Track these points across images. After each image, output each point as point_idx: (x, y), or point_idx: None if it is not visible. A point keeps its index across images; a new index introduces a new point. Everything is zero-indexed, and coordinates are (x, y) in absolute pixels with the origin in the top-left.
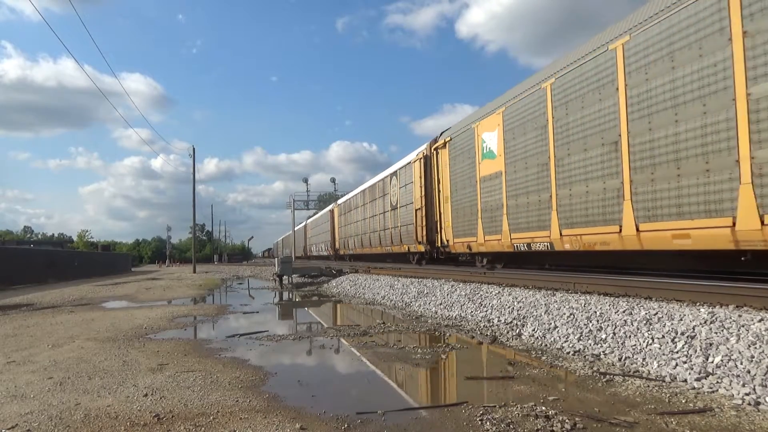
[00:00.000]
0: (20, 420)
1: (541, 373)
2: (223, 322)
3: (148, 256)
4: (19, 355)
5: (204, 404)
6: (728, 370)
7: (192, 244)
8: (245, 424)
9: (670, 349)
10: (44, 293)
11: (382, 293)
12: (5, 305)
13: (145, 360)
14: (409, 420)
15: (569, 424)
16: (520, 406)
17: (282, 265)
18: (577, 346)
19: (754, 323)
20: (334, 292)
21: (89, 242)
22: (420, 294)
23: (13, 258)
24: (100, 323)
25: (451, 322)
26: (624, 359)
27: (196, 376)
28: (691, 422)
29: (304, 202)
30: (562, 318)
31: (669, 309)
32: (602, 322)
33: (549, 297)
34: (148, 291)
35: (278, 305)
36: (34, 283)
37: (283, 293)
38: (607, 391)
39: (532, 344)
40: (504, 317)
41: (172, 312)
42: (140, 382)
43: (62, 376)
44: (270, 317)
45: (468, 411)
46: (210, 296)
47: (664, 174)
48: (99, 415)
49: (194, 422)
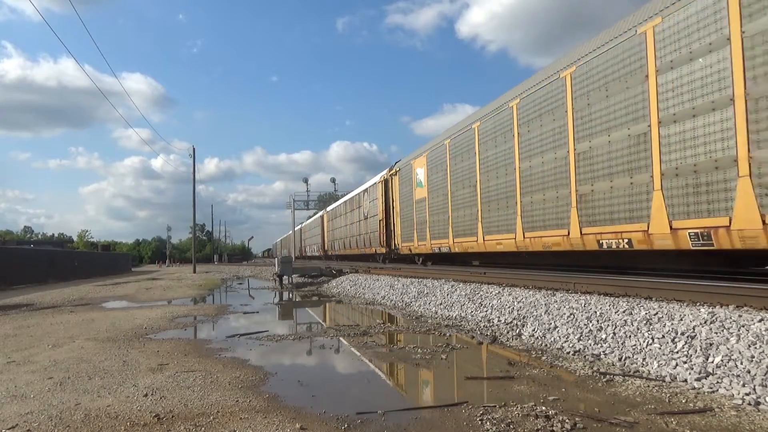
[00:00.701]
0: (20, 420)
1: (541, 373)
2: (223, 322)
3: (148, 256)
4: (19, 355)
5: (204, 404)
6: (728, 370)
7: (192, 244)
8: (245, 424)
9: (670, 349)
10: (44, 293)
11: (382, 293)
12: (5, 305)
13: (145, 360)
14: (409, 420)
15: (569, 424)
16: (520, 406)
17: (282, 265)
18: (577, 346)
19: (754, 323)
20: (334, 292)
21: (89, 242)
22: (420, 294)
23: (13, 258)
24: (100, 323)
25: (451, 322)
26: (624, 359)
27: (196, 376)
28: (691, 422)
29: (304, 202)
30: (562, 318)
31: (669, 309)
32: (602, 322)
33: (549, 297)
34: (148, 291)
35: (278, 305)
36: (34, 283)
37: (283, 293)
38: (607, 391)
39: (532, 344)
40: (504, 317)
41: (172, 312)
42: (140, 382)
43: (62, 376)
44: (270, 317)
45: (468, 411)
46: (210, 296)
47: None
48: (99, 415)
49: (194, 422)
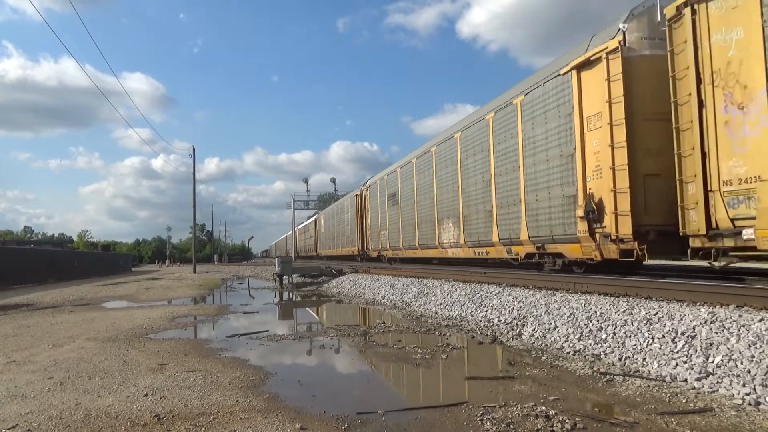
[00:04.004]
0: (20, 420)
1: (542, 373)
2: (223, 322)
3: (148, 256)
4: (19, 355)
5: (204, 404)
6: (728, 369)
7: (192, 244)
8: (245, 424)
9: (670, 349)
10: (44, 293)
11: (383, 293)
12: (5, 305)
13: (146, 360)
14: (409, 420)
15: (569, 424)
16: (520, 406)
17: (282, 264)
18: (577, 345)
19: (755, 323)
20: (334, 292)
21: (89, 242)
22: (420, 294)
23: (13, 258)
24: (101, 323)
25: (452, 322)
26: (624, 359)
27: (196, 376)
28: (692, 422)
29: (304, 202)
30: (563, 318)
31: (669, 309)
32: (602, 322)
33: (549, 297)
34: (148, 291)
35: (278, 305)
36: (35, 283)
37: (283, 293)
38: (607, 391)
39: (533, 344)
40: (504, 317)
41: (172, 312)
42: (140, 382)
43: (62, 376)
44: (270, 317)
45: (468, 411)
46: (210, 296)
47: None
48: (99, 415)
49: (194, 422)
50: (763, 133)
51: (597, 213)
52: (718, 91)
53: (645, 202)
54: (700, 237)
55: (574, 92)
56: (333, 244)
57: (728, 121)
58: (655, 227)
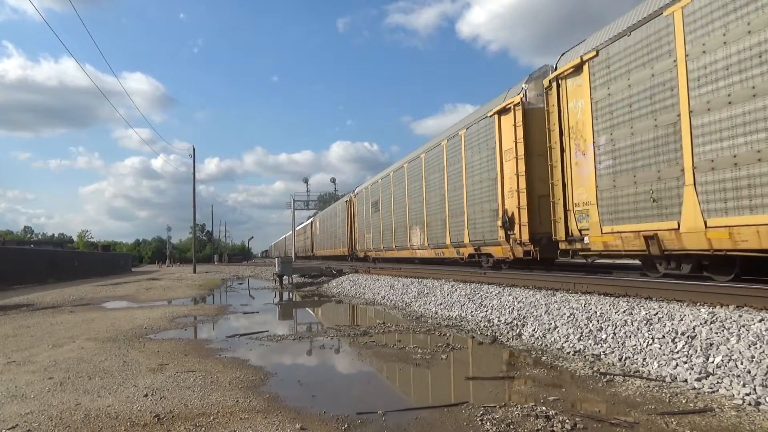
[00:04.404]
0: (20, 420)
1: (542, 373)
2: (223, 322)
3: (148, 257)
4: (19, 355)
5: (204, 404)
6: (729, 370)
7: (192, 244)
8: (245, 425)
9: (670, 349)
10: (44, 293)
11: (383, 293)
12: (5, 305)
13: (146, 360)
14: (409, 420)
15: (569, 424)
16: (520, 406)
17: (282, 265)
18: (577, 346)
19: (755, 323)
20: (334, 292)
21: (89, 242)
22: (420, 294)
23: (13, 258)
24: (101, 323)
25: (452, 322)
26: (624, 359)
27: (196, 377)
28: (692, 422)
29: (304, 202)
30: (563, 318)
31: (669, 309)
32: (602, 322)
33: (549, 297)
34: (148, 291)
35: (278, 305)
36: (35, 283)
37: (283, 293)
38: (607, 391)
39: (533, 344)
40: (504, 317)
41: (172, 312)
42: (140, 382)
43: (62, 376)
44: (270, 317)
45: (468, 411)
46: (210, 296)
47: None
48: (99, 416)
49: (194, 422)
50: (590, 173)
51: (510, 224)
52: (572, 142)
53: (539, 216)
54: (563, 241)
55: (496, 131)
56: (327, 245)
57: (577, 162)
58: (545, 234)
